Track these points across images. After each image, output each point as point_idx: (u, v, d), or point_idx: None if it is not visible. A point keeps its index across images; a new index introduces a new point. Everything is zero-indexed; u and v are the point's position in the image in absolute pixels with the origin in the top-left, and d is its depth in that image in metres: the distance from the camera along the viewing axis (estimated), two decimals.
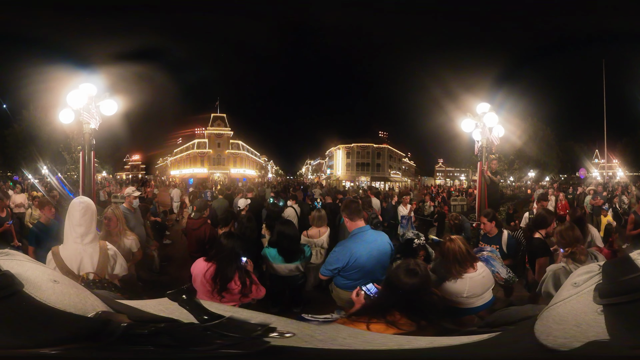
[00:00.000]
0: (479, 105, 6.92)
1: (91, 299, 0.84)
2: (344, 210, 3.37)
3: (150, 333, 0.74)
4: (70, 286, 0.82)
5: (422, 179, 57.97)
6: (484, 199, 6.98)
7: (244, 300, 3.02)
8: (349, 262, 3.10)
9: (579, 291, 0.81)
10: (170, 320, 0.84)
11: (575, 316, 0.77)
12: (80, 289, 0.86)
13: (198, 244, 4.90)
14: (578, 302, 0.79)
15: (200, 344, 0.77)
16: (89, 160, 5.55)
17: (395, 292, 1.92)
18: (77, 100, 5.39)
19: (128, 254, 3.70)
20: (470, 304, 2.83)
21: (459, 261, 2.81)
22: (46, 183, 17.48)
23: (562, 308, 0.81)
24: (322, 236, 4.94)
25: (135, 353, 0.72)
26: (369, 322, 1.69)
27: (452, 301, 2.79)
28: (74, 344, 0.68)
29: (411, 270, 1.93)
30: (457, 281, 2.80)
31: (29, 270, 0.80)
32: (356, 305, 2.23)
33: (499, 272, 3.38)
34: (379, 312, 1.78)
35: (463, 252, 2.83)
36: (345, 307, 3.06)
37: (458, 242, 2.87)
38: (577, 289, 0.82)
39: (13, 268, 0.76)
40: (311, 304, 4.46)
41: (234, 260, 2.97)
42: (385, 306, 1.84)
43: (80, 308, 0.77)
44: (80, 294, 0.82)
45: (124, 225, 3.86)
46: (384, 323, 1.70)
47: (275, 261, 4.19)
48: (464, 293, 2.78)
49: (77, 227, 2.53)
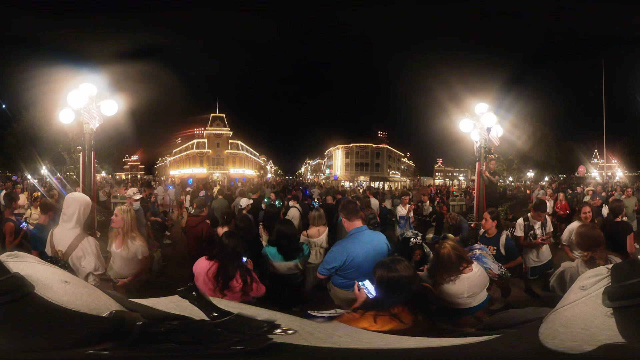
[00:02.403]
0: (477, 106, 6.93)
1: (103, 298, 0.85)
2: (342, 211, 3.41)
3: (166, 331, 0.75)
4: (82, 286, 0.83)
5: (421, 179, 58.07)
6: (483, 199, 6.99)
7: (245, 298, 3.06)
8: (345, 261, 3.15)
9: (587, 294, 0.81)
10: (182, 317, 0.86)
11: (584, 319, 0.76)
12: (91, 289, 0.86)
13: (196, 242, 4.95)
14: (586, 305, 0.78)
15: (212, 340, 0.78)
16: (89, 161, 5.57)
17: (385, 287, 2.02)
18: (77, 100, 5.40)
19: (132, 259, 3.62)
20: (468, 304, 2.86)
21: (446, 270, 2.84)
22: (46, 183, 17.48)
23: (570, 311, 0.81)
24: (322, 235, 5.01)
25: (154, 351, 0.73)
26: (376, 316, 1.77)
27: (450, 302, 2.82)
28: (95, 345, 0.68)
29: (388, 263, 2.05)
30: (456, 282, 2.82)
31: (39, 271, 0.81)
32: (358, 300, 2.29)
33: (491, 268, 3.41)
34: (380, 307, 1.85)
35: (452, 260, 2.83)
36: (343, 306, 3.09)
37: (447, 249, 2.87)
38: (585, 292, 0.82)
39: (23, 270, 0.76)
40: (310, 303, 4.51)
41: (235, 259, 3.03)
42: (384, 301, 1.93)
43: (94, 308, 0.77)
44: (92, 294, 0.83)
45: (133, 229, 3.71)
46: (388, 316, 1.78)
47: (275, 259, 4.29)
48: (465, 293, 2.80)
49: (63, 215, 3.21)
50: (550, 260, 5.05)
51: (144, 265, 3.83)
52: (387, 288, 2.01)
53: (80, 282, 0.87)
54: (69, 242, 3.11)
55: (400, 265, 2.04)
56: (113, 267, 3.68)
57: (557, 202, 9.94)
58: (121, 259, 3.61)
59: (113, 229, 3.80)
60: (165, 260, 6.38)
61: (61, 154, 20.82)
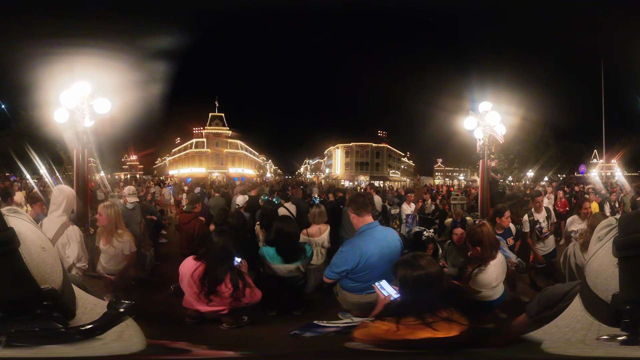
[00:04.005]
0: (481, 104, 6.90)
1: (57, 275, 0.85)
2: (350, 205, 3.08)
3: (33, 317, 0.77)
4: (51, 257, 0.84)
5: (421, 179, 57.98)
6: (487, 196, 6.96)
7: (236, 304, 2.87)
8: (359, 263, 2.81)
9: (602, 244, 0.84)
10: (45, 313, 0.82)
11: (604, 270, 0.80)
12: (56, 262, 0.87)
13: (188, 240, 4.76)
14: (603, 256, 0.81)
15: None
16: (83, 159, 5.49)
17: (412, 287, 1.75)
18: (71, 99, 5.33)
19: (119, 255, 3.64)
20: (491, 296, 2.83)
21: (493, 247, 2.83)
22: (43, 182, 17.39)
23: (595, 262, 0.84)
24: (323, 234, 4.67)
25: None
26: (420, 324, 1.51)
27: (478, 295, 2.79)
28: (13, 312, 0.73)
29: (410, 261, 1.80)
30: (484, 272, 2.78)
31: (28, 231, 0.83)
32: (380, 304, 2.05)
33: (510, 256, 3.49)
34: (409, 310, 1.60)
35: (494, 238, 2.89)
36: (352, 310, 2.93)
37: (488, 227, 2.92)
38: (601, 242, 0.85)
39: (17, 226, 0.79)
40: (311, 307, 4.24)
41: (226, 260, 2.80)
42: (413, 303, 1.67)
43: (43, 278, 0.79)
44: (54, 266, 0.84)
45: (119, 225, 3.74)
46: (441, 321, 1.53)
47: (274, 261, 3.91)
48: (493, 282, 2.78)
49: (52, 205, 3.38)
50: (554, 250, 5.48)
51: (131, 261, 3.79)
52: (413, 288, 1.74)
53: (54, 253, 0.88)
54: (55, 229, 3.22)
55: (423, 260, 1.78)
56: (102, 262, 3.71)
57: (557, 200, 10.07)
58: (108, 255, 3.64)
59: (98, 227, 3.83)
60: (159, 259, 6.27)
61: (59, 153, 20.69)
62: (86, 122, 5.39)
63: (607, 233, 0.85)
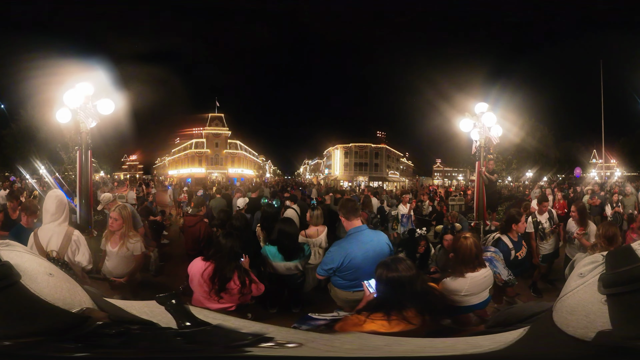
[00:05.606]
0: (477, 105, 6.89)
1: (80, 295, 0.84)
2: (341, 209, 3.32)
3: (116, 333, 0.75)
4: (64, 280, 0.82)
5: (420, 179, 58.03)
6: (483, 198, 6.98)
7: (243, 300, 2.99)
8: (343, 262, 3.06)
9: (585, 281, 0.81)
10: (148, 323, 0.83)
11: (584, 307, 0.77)
12: (72, 284, 0.85)
13: (194, 242, 4.89)
14: (585, 293, 0.79)
15: (165, 349, 0.76)
16: (86, 160, 5.51)
17: (385, 286, 1.95)
18: (74, 99, 5.33)
19: (130, 257, 3.62)
20: (467, 302, 2.82)
21: (465, 262, 2.78)
22: (43, 183, 17.40)
23: (572, 299, 0.81)
24: (320, 235, 4.92)
25: (89, 350, 0.72)
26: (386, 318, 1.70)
27: (448, 298, 2.78)
28: (53, 339, 0.69)
29: (388, 263, 1.98)
30: (458, 279, 2.78)
31: (27, 261, 0.80)
32: (364, 300, 2.24)
33: (500, 273, 3.39)
34: (383, 307, 1.77)
35: (472, 254, 2.77)
36: (344, 307, 3.04)
37: (471, 241, 2.80)
38: (583, 279, 0.83)
39: (12, 259, 0.76)
40: (311, 304, 4.47)
41: (233, 260, 2.94)
42: (386, 301, 1.84)
43: (69, 303, 0.77)
44: (71, 289, 0.82)
45: (130, 227, 3.72)
46: (396, 318, 1.71)
47: (275, 259, 4.21)
48: (462, 292, 2.76)
49: (48, 213, 3.12)
50: (557, 250, 5.51)
51: (139, 262, 3.79)
52: (386, 288, 1.95)
53: (64, 276, 0.86)
54: (60, 238, 3.09)
55: (401, 265, 1.97)
56: (107, 266, 3.64)
57: (555, 202, 9.93)
58: (118, 257, 3.58)
59: (108, 229, 3.74)
60: (162, 260, 6.35)
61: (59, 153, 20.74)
62: (89, 123, 5.42)
63: (591, 270, 0.83)
